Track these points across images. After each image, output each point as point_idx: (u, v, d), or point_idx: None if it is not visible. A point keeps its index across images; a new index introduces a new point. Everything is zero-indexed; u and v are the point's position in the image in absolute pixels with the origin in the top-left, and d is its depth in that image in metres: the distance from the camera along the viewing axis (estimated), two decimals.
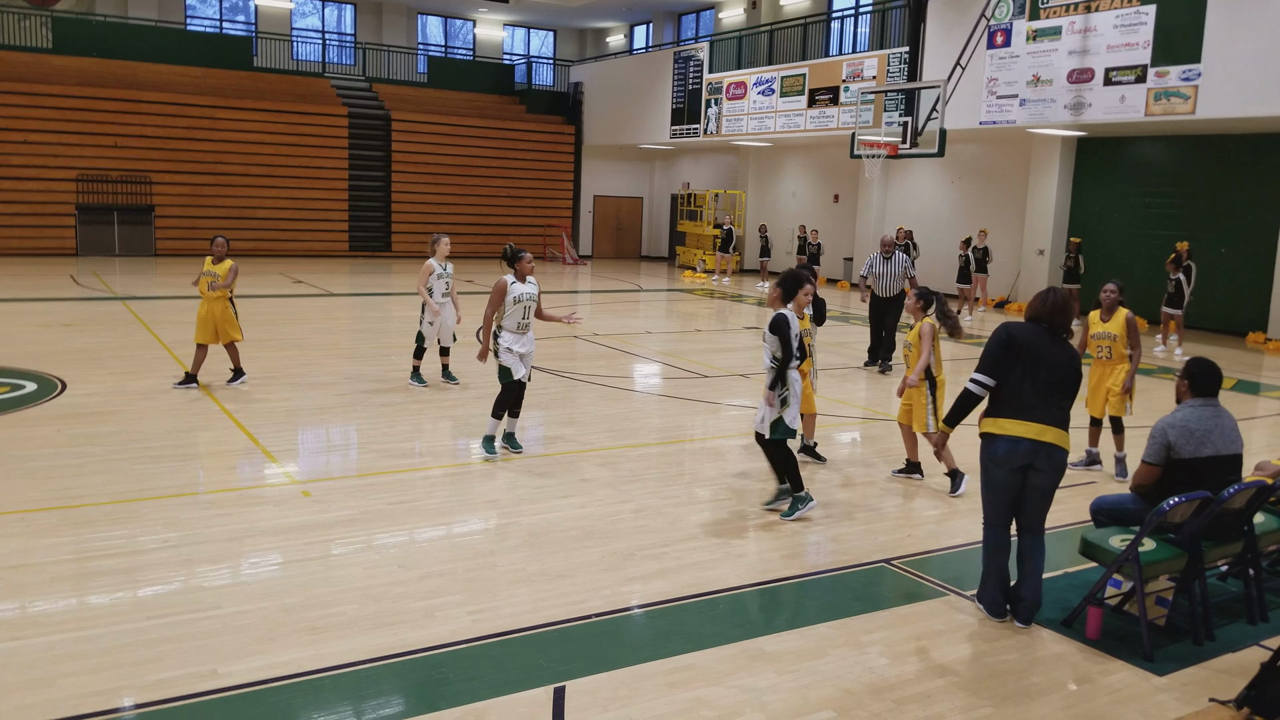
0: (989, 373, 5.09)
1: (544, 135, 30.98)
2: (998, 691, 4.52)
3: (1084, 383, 6.45)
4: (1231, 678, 4.70)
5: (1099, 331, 8.12)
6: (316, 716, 4.08)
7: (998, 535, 5.22)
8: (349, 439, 8.68)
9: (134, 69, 26.34)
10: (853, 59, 21.99)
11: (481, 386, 10.77)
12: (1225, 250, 18.12)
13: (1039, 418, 4.98)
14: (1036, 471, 5.03)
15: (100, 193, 24.81)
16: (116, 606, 5.01)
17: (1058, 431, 5.00)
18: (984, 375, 5.11)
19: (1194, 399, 5.35)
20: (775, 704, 4.31)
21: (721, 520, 6.75)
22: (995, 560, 5.25)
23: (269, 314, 16.09)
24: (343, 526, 6.29)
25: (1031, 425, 4.98)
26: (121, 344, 12.64)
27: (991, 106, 18.42)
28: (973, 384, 5.17)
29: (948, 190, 23.56)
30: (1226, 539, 5.30)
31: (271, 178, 26.77)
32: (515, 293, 7.91)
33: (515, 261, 8.04)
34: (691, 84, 26.57)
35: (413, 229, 28.66)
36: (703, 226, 28.97)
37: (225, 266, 10.06)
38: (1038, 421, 4.98)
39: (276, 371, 11.24)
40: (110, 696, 4.13)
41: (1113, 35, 16.29)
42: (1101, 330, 8.10)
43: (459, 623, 4.95)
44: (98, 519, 6.23)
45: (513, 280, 7.94)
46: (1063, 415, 5.06)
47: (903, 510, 7.16)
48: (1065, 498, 7.63)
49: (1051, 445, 4.99)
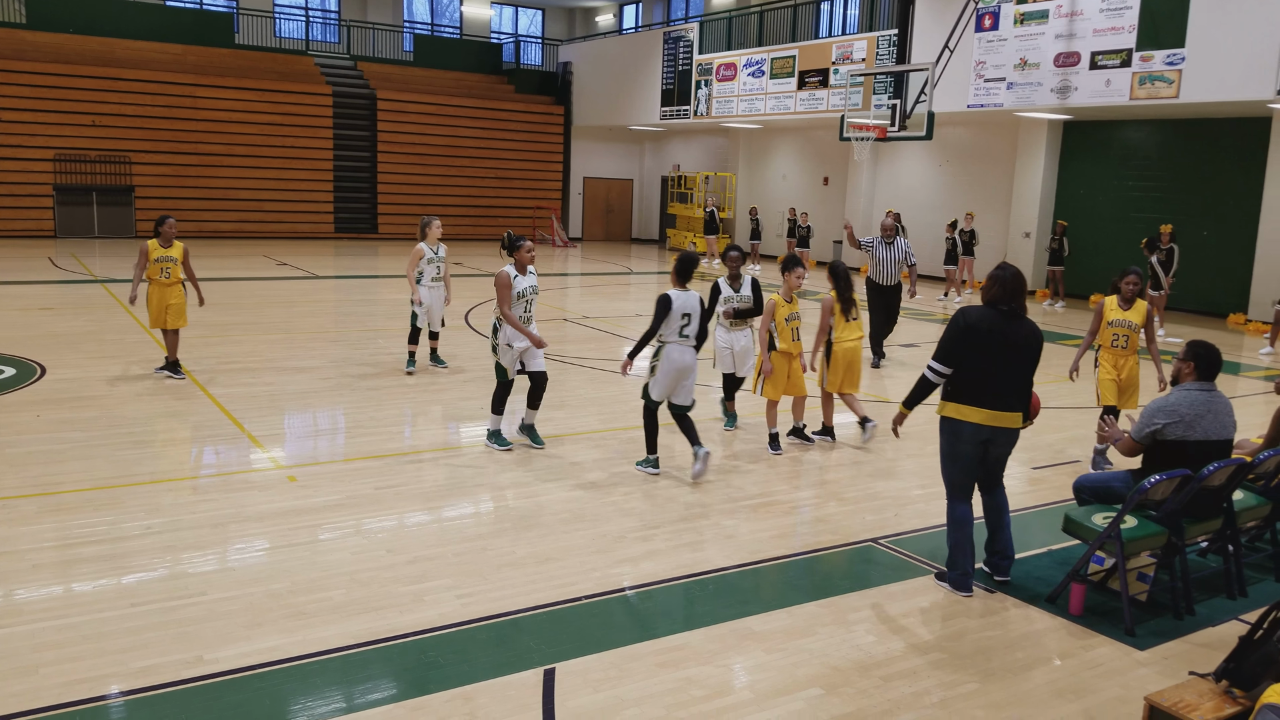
0: (945, 361, 5.24)
1: (533, 116, 30.80)
2: (983, 667, 4.56)
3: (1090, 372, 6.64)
4: (1211, 651, 4.77)
5: (1119, 319, 7.77)
6: (304, 702, 4.07)
7: (963, 510, 5.36)
8: (336, 423, 8.66)
9: (112, 45, 25.97)
10: (842, 41, 21.93)
11: (472, 370, 10.75)
12: (1207, 233, 18.22)
13: (997, 404, 5.16)
14: (994, 445, 5.29)
15: (78, 173, 24.53)
16: (100, 593, 4.98)
17: (1014, 415, 5.23)
18: (940, 364, 5.26)
19: (1191, 382, 5.39)
20: (764, 682, 4.34)
21: (710, 502, 6.77)
22: (964, 533, 5.36)
23: (253, 297, 15.99)
24: (330, 511, 6.27)
25: (989, 412, 5.17)
26: (102, 327, 12.55)
27: (979, 90, 18.41)
28: (930, 371, 5.30)
29: (935, 173, 23.57)
30: (1206, 516, 5.37)
31: (254, 158, 26.53)
32: (519, 287, 7.55)
33: (514, 250, 7.65)
34: (681, 65, 26.45)
35: (399, 210, 28.51)
36: (693, 209, 28.92)
37: (180, 249, 9.69)
38: (994, 408, 5.16)
39: (261, 355, 11.19)
40: (95, 684, 4.12)
41: (1098, 19, 16.31)
42: (1121, 318, 7.75)
43: (448, 606, 4.95)
44: (79, 505, 6.20)
45: (515, 272, 7.58)
46: (1023, 393, 5.26)
47: (890, 490, 7.19)
48: (1048, 476, 7.69)
49: (1010, 429, 5.24)
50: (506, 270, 7.57)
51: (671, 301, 7.07)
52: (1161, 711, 3.62)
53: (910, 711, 4.16)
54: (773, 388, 7.93)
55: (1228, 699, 3.65)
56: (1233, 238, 17.87)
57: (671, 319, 7.10)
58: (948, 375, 5.25)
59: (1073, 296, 19.83)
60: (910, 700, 4.24)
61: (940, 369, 5.25)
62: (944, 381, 5.29)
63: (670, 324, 7.11)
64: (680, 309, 7.11)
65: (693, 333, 7.18)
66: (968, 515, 5.35)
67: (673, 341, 7.14)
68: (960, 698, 4.29)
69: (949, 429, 5.29)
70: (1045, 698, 4.33)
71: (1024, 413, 5.31)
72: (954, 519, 5.36)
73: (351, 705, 4.04)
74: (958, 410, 5.21)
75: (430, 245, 10.34)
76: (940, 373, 5.25)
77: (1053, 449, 8.51)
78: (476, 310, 15.25)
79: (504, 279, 7.52)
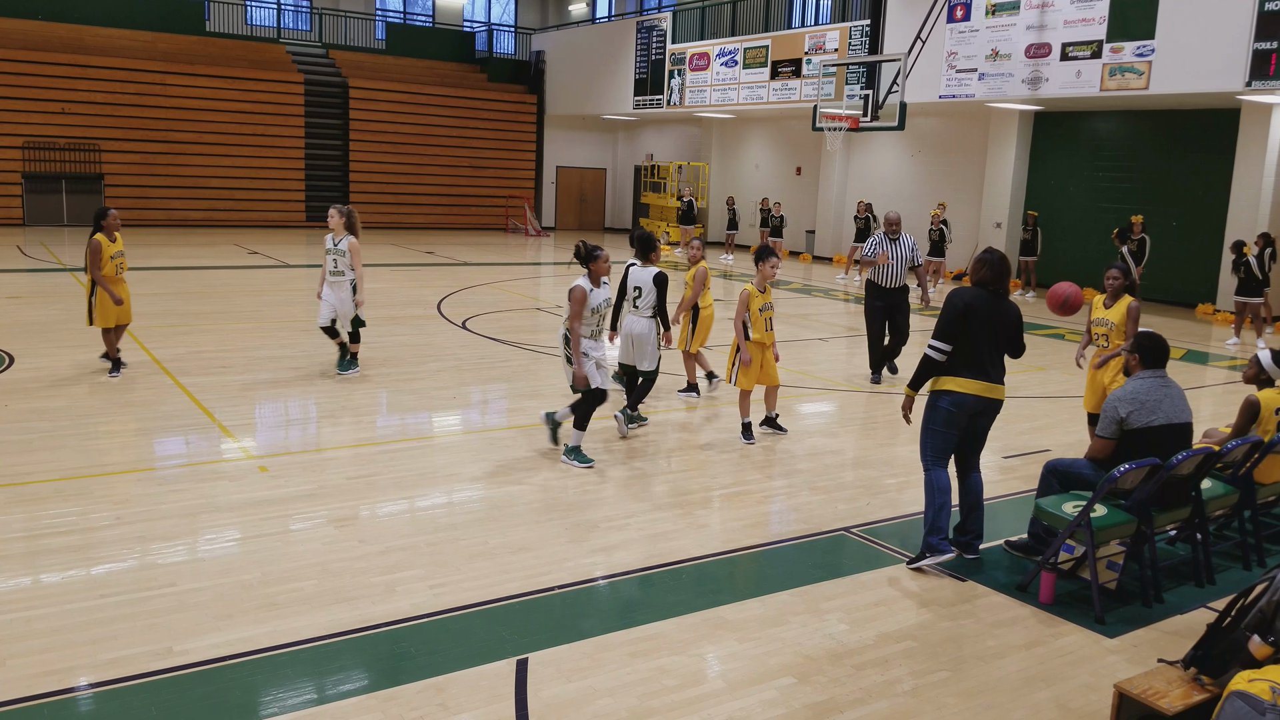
0: (947, 339, 5.49)
1: (506, 104, 30.63)
2: (954, 655, 4.60)
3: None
4: (1180, 638, 4.83)
5: (1099, 317, 7.49)
6: (276, 693, 4.05)
7: (941, 476, 5.60)
8: (307, 413, 8.59)
9: (80, 32, 25.59)
10: (815, 31, 21.96)
11: (444, 360, 10.69)
12: (1176, 223, 18.42)
13: (990, 376, 5.50)
14: (982, 416, 5.59)
15: (47, 160, 24.17)
16: (69, 585, 4.92)
17: (1000, 388, 5.58)
18: (941, 342, 5.50)
19: (1143, 371, 5.49)
20: (736, 672, 4.35)
21: (684, 491, 6.78)
22: (945, 498, 5.55)
23: (224, 286, 15.83)
24: (301, 501, 6.23)
25: (984, 384, 5.48)
26: (71, 317, 12.36)
27: (951, 80, 18.50)
28: (932, 350, 5.53)
29: (908, 163, 23.68)
30: (1175, 504, 5.43)
31: (225, 146, 26.22)
32: (593, 302, 7.11)
33: (591, 261, 7.14)
34: (654, 54, 26.39)
35: (372, 199, 28.28)
36: (666, 199, 28.89)
37: (121, 240, 9.27)
38: (988, 380, 5.50)
39: (231, 345, 11.07)
40: (64, 676, 4.07)
41: (1069, 11, 16.42)
42: (1102, 316, 7.47)
43: (420, 597, 4.93)
44: (47, 496, 6.12)
45: (590, 286, 7.10)
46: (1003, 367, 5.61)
47: (863, 479, 7.23)
48: (1019, 466, 7.76)
49: (997, 400, 5.57)
50: (582, 284, 7.06)
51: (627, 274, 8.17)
52: (1131, 699, 3.67)
53: (882, 700, 4.19)
54: (746, 377, 7.95)
55: (1196, 686, 3.70)
56: (1201, 228, 18.08)
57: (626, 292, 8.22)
58: (948, 353, 5.48)
59: (1045, 286, 19.99)
60: (882, 688, 4.27)
61: (942, 347, 5.49)
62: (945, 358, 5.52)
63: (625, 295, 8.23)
64: (633, 282, 8.17)
65: (644, 304, 8.13)
66: (948, 483, 5.59)
67: (627, 312, 8.25)
68: (931, 686, 4.32)
69: (951, 400, 5.49)
70: (1016, 685, 4.37)
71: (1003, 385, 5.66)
72: (938, 485, 5.57)
73: (323, 696, 4.02)
74: (957, 383, 5.48)
75: (333, 236, 9.53)
76: (943, 350, 5.49)
77: (1023, 439, 8.59)
78: (449, 300, 15.17)
79: (580, 294, 7.02)
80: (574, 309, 7.05)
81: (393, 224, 28.60)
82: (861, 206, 21.63)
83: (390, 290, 15.97)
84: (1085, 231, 19.62)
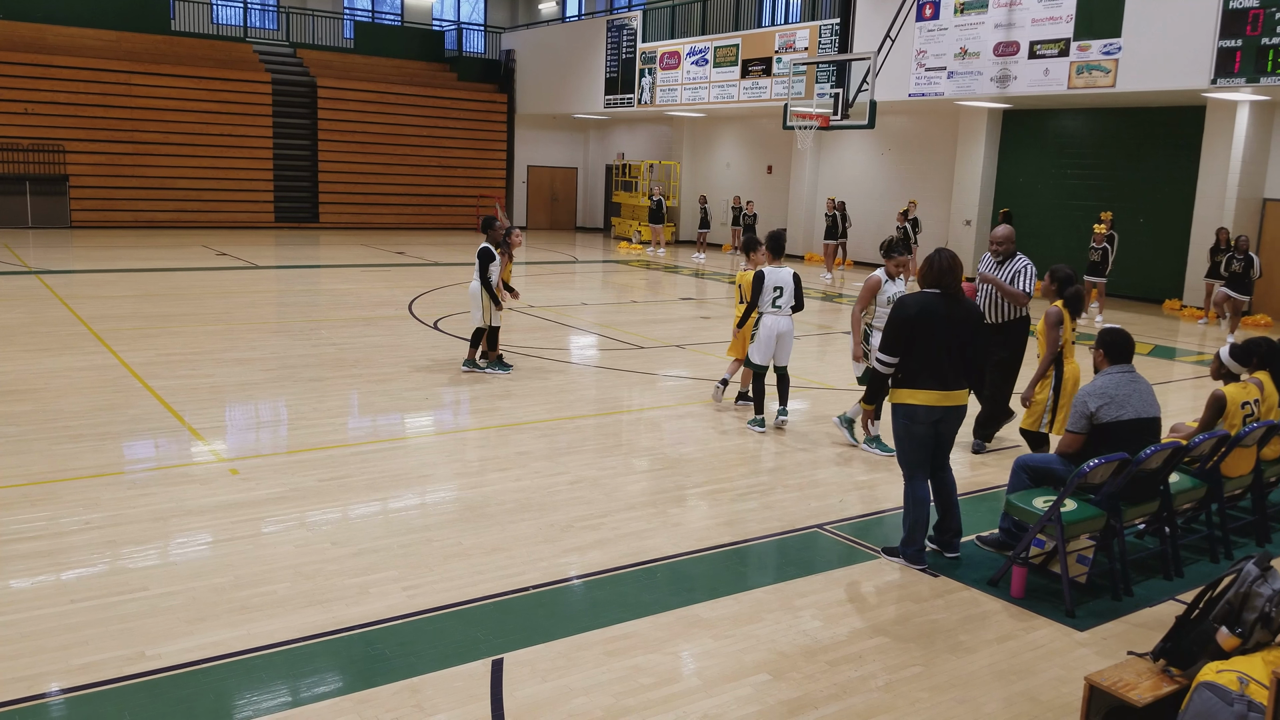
0: (892, 351, 5.42)
1: (476, 104, 30.51)
2: (927, 649, 4.64)
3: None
4: (1149, 631, 4.89)
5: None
6: (249, 696, 4.01)
7: (923, 489, 5.54)
8: (278, 415, 8.52)
9: (42, 31, 25.22)
10: (785, 30, 22.04)
11: (417, 360, 10.64)
12: (1144, 220, 18.66)
13: (946, 384, 5.38)
14: (944, 423, 5.49)
15: (10, 162, 23.80)
16: (38, 590, 4.86)
17: (961, 393, 5.47)
18: (888, 355, 5.44)
19: (1111, 366, 5.55)
20: (712, 669, 4.36)
21: (658, 490, 6.79)
22: (921, 512, 5.53)
23: (192, 288, 15.66)
24: (273, 504, 6.18)
25: (940, 393, 5.37)
26: (36, 319, 12.20)
27: (920, 79, 18.63)
28: (879, 364, 5.50)
29: (878, 161, 23.83)
30: (1143, 499, 5.50)
31: (192, 146, 25.93)
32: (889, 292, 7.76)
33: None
34: (625, 53, 26.38)
35: (341, 200, 28.11)
36: (638, 198, 28.89)
37: None
38: (945, 388, 5.38)
39: (200, 347, 10.96)
40: (34, 682, 4.01)
41: (1037, 9, 16.58)
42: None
43: (394, 598, 4.91)
44: (15, 501, 6.03)
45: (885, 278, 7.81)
46: (967, 371, 5.49)
47: (836, 477, 7.27)
48: (990, 462, 7.83)
49: (959, 406, 5.48)
50: (879, 275, 7.80)
51: (764, 277, 8.19)
52: (1101, 691, 3.71)
53: (856, 695, 4.21)
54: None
55: (1165, 677, 3.75)
56: (1168, 224, 18.33)
57: (765, 292, 8.18)
58: (895, 364, 5.41)
59: None
60: (856, 684, 4.30)
61: (888, 359, 5.43)
62: (894, 370, 5.45)
63: (765, 296, 8.19)
64: (772, 283, 8.19)
65: (785, 303, 8.20)
66: (927, 495, 5.55)
67: (768, 311, 8.21)
68: (905, 680, 4.36)
69: (904, 414, 5.45)
70: (988, 679, 4.41)
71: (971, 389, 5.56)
72: (915, 499, 5.53)
73: (297, 699, 3.99)
74: (910, 395, 5.39)
75: None
76: (888, 363, 5.43)
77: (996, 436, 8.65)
78: (421, 300, 15.10)
79: (874, 283, 7.79)
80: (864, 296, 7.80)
81: (363, 224, 28.43)
82: (830, 204, 21.75)
83: (361, 291, 15.87)
84: (1053, 229, 19.83)
